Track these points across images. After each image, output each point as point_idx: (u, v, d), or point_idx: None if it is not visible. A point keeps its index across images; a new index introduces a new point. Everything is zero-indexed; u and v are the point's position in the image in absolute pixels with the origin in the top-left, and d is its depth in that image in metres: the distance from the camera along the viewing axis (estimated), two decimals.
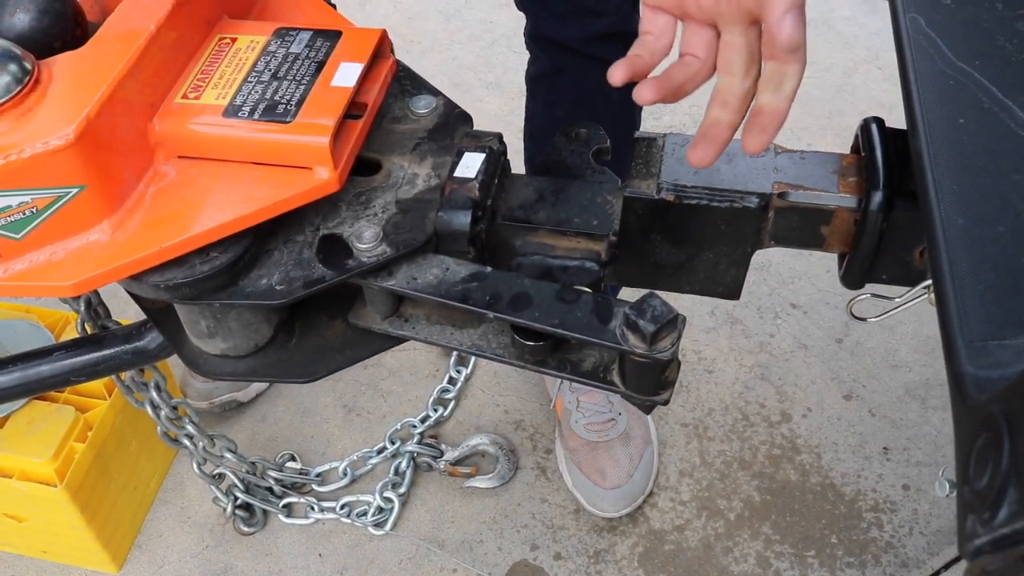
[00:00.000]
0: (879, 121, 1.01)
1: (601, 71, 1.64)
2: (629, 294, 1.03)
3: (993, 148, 0.87)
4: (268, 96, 0.96)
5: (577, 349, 1.01)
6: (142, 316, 1.13)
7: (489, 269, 0.97)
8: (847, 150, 1.06)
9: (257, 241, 0.97)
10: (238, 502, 1.81)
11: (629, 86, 1.72)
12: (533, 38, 1.70)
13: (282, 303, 0.95)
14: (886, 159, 0.97)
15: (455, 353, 2.04)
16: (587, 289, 0.98)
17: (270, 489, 1.85)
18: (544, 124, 1.77)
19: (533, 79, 1.76)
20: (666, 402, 0.99)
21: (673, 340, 0.90)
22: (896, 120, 0.99)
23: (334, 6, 1.19)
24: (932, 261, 0.82)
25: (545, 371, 1.01)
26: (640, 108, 1.78)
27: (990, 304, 0.77)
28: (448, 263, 0.98)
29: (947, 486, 1.08)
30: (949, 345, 0.76)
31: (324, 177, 0.95)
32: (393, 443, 1.92)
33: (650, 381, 0.96)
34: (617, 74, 0.90)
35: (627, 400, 1.01)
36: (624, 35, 1.65)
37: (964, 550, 0.67)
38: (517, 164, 1.11)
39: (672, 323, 0.89)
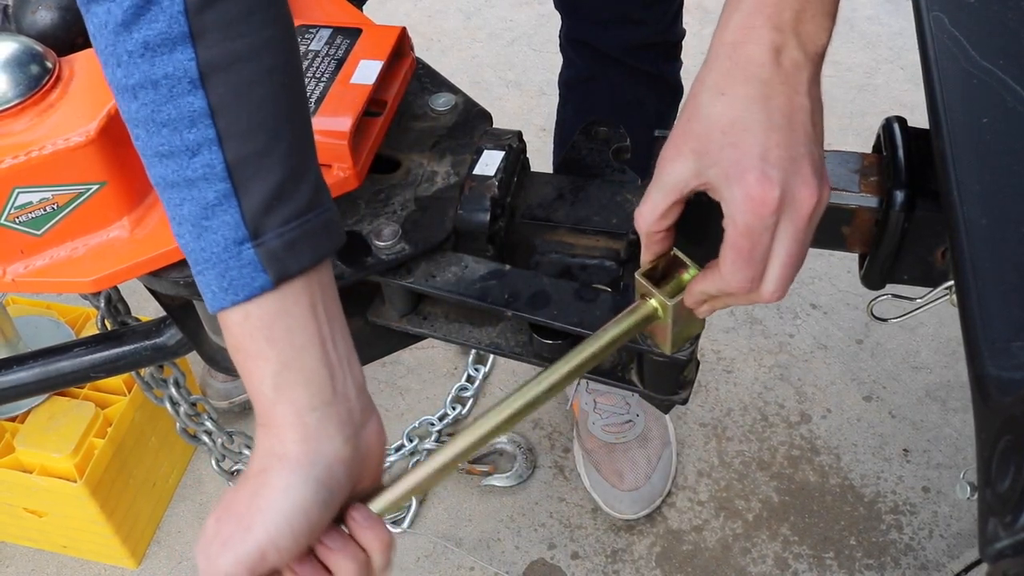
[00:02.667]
0: (901, 120, 1.00)
1: (638, 81, 1.64)
2: None
3: (1017, 148, 0.87)
4: None
5: None
6: (162, 313, 1.14)
7: (508, 267, 0.97)
8: (868, 150, 1.05)
9: None
10: None
11: (665, 97, 1.70)
12: (570, 42, 1.67)
13: None
14: (908, 159, 0.96)
15: (473, 351, 2.04)
16: (606, 288, 0.97)
17: None
18: (575, 131, 1.74)
19: (567, 84, 1.73)
20: (684, 401, 0.98)
21: (692, 340, 0.90)
22: (918, 120, 0.98)
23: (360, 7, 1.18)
24: (954, 262, 0.81)
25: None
26: (672, 120, 1.75)
27: (1013, 305, 0.76)
28: (467, 261, 0.98)
29: (968, 489, 1.07)
30: (971, 346, 0.75)
31: (343, 174, 0.96)
32: (411, 441, 1.92)
33: (668, 380, 0.96)
34: None
35: (646, 400, 1.01)
36: (664, 45, 1.63)
37: (985, 553, 0.67)
38: (537, 162, 1.10)
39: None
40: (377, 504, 0.77)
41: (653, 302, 0.82)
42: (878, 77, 2.65)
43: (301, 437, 0.71)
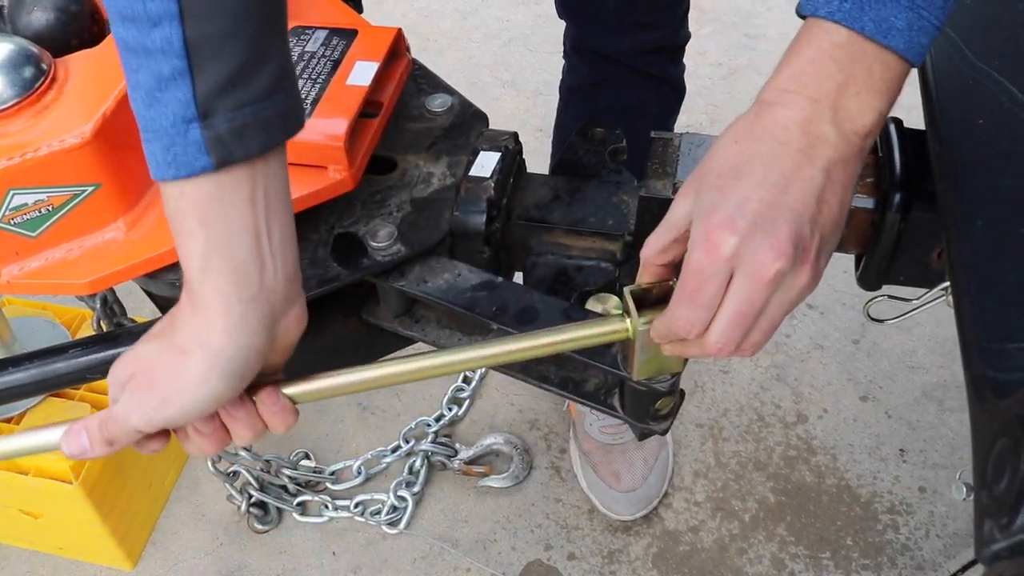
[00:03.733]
0: (897, 121, 1.00)
1: (644, 85, 1.63)
2: None
3: (1013, 150, 0.87)
4: None
5: (581, 369, 1.00)
6: (157, 314, 1.14)
7: (500, 279, 0.96)
8: None
9: None
10: (252, 500, 1.81)
11: (669, 100, 1.69)
12: (576, 49, 1.66)
13: None
14: (904, 160, 0.96)
15: None
16: (601, 311, 0.94)
17: (284, 487, 1.85)
18: None
19: (569, 90, 1.72)
20: (664, 432, 0.97)
21: (670, 375, 0.88)
22: (915, 121, 0.98)
23: (360, 9, 1.18)
24: (950, 262, 0.82)
25: (547, 387, 0.99)
26: (673, 124, 1.75)
27: (1009, 306, 0.76)
28: (461, 269, 0.97)
29: (964, 490, 1.08)
30: (967, 348, 0.75)
31: (339, 176, 0.95)
32: (407, 442, 1.92)
33: (642, 409, 0.94)
34: None
35: (629, 425, 0.99)
36: (672, 48, 1.63)
37: (981, 555, 0.67)
38: (533, 163, 1.10)
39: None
40: (291, 389, 0.79)
41: (628, 322, 0.80)
42: None
43: (224, 328, 0.73)
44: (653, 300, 0.79)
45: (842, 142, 0.71)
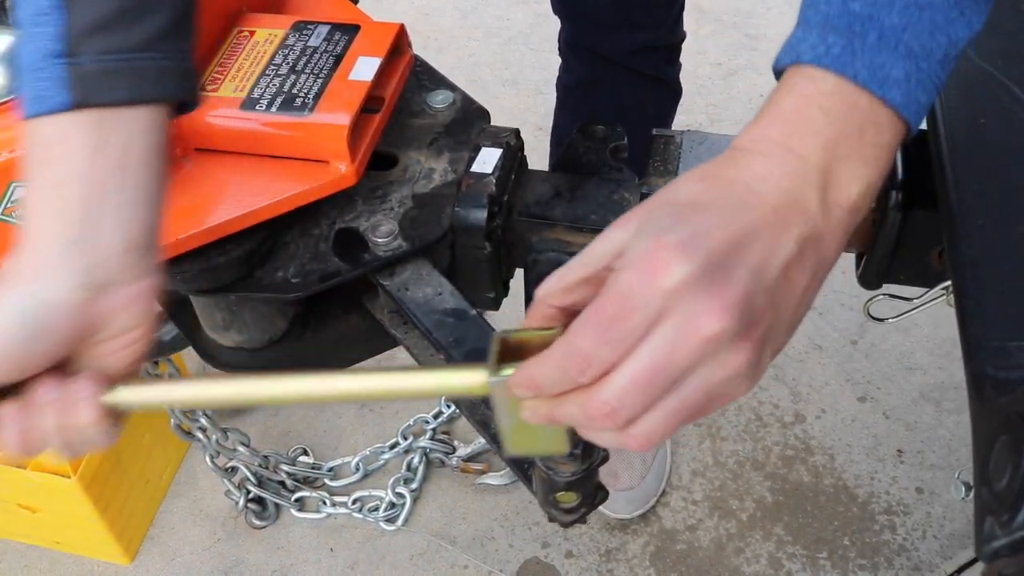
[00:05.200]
0: None
1: (640, 85, 1.63)
2: None
3: (1014, 149, 0.87)
4: (286, 89, 0.96)
5: None
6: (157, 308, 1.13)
7: (474, 313, 0.93)
8: None
9: (273, 234, 0.97)
10: (250, 496, 1.81)
11: (666, 100, 1.69)
12: (571, 47, 1.66)
13: (297, 296, 0.95)
14: (905, 158, 0.96)
15: None
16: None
17: (282, 483, 1.85)
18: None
19: (565, 88, 1.72)
20: (566, 525, 0.90)
21: (576, 468, 0.83)
22: None
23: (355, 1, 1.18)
24: (951, 261, 0.82)
25: (483, 434, 0.95)
26: (670, 124, 1.75)
27: (1010, 305, 0.76)
28: (445, 289, 0.96)
29: (963, 489, 1.08)
30: (968, 346, 0.75)
31: (341, 171, 0.95)
32: (406, 439, 1.92)
33: (547, 497, 0.88)
34: None
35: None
36: (666, 48, 1.62)
37: (982, 552, 0.67)
38: (533, 161, 1.10)
39: (589, 453, 0.81)
40: (112, 395, 0.70)
41: (483, 373, 0.61)
42: None
43: (33, 264, 0.70)
44: (531, 353, 0.59)
45: (822, 213, 0.59)
